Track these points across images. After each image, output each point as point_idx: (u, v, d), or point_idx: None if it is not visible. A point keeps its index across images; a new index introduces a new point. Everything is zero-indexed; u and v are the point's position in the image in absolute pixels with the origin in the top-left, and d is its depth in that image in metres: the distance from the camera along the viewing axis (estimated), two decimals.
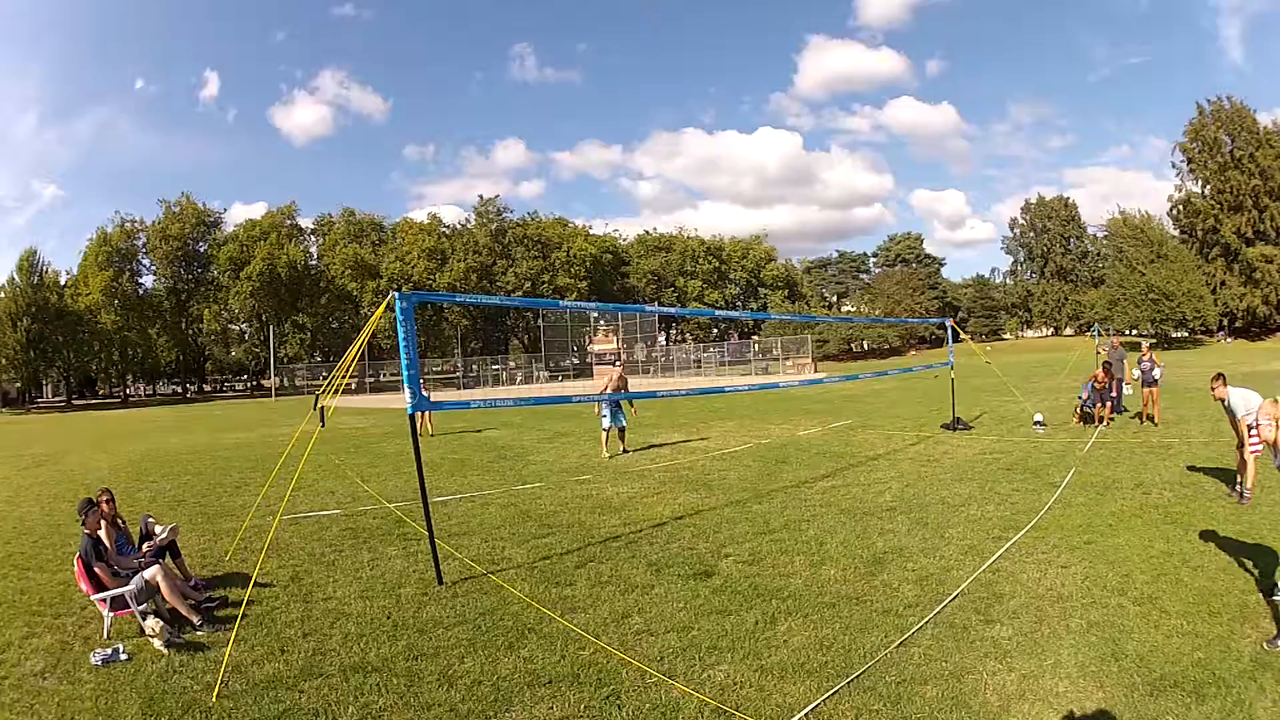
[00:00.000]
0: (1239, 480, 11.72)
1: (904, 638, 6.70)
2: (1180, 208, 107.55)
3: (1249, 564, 8.19)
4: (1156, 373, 20.08)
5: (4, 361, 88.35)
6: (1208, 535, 9.40)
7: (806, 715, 5.50)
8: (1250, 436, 11.43)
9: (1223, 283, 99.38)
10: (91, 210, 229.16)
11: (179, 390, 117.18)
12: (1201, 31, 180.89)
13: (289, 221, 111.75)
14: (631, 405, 21.13)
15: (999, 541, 9.65)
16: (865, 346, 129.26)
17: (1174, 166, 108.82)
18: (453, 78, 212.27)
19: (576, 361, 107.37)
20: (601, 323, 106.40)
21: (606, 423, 19.62)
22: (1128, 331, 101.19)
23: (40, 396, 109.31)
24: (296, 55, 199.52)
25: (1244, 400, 11.81)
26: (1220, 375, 12.50)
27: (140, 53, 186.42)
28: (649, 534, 11.07)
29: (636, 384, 39.78)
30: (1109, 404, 20.12)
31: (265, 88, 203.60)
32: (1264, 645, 6.21)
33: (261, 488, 15.30)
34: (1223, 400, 12.21)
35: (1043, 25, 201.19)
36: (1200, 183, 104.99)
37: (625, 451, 19.78)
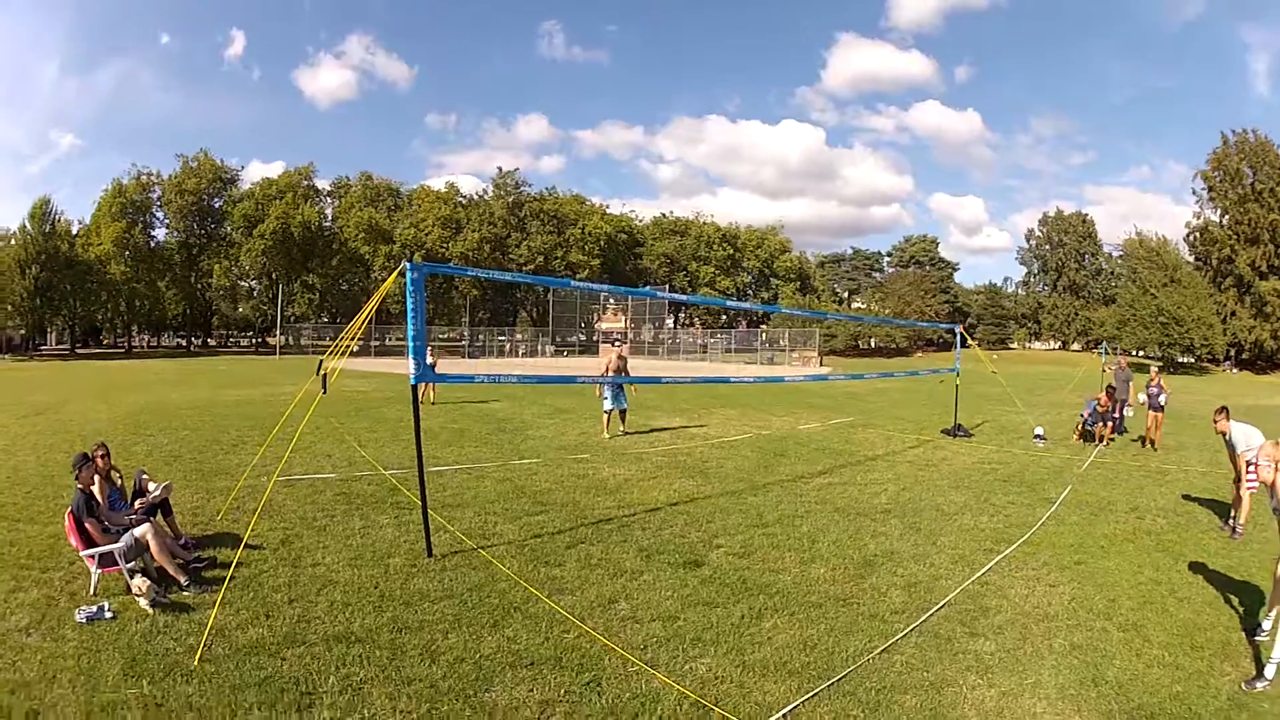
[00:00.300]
0: (1233, 515, 11.75)
1: (888, 644, 6.74)
2: (1197, 235, 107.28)
3: (1235, 600, 8.23)
4: (1163, 398, 20.05)
5: (10, 308, 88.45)
6: (1197, 567, 9.44)
7: (785, 716, 5.54)
8: (1248, 473, 11.45)
9: (1233, 313, 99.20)
10: (108, 162, 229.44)
11: (183, 343, 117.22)
12: (1230, 63, 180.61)
13: (306, 182, 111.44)
14: (632, 386, 21.08)
15: (989, 554, 9.68)
16: (873, 344, 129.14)
17: (1194, 193, 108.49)
18: (480, 50, 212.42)
19: (584, 338, 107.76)
20: (611, 301, 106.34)
21: (608, 404, 19.64)
22: (1134, 353, 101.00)
23: (44, 344, 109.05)
24: (323, 18, 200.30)
25: (1245, 436, 11.82)
26: (1224, 409, 12.49)
27: (168, 7, 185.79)
28: (642, 519, 11.11)
29: (642, 365, 39.87)
30: (1110, 424, 20.14)
31: (291, 49, 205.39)
32: (1242, 685, 6.24)
33: (259, 447, 15.32)
34: (1224, 434, 12.22)
35: (1072, 42, 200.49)
36: (1219, 212, 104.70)
37: (625, 433, 19.80)
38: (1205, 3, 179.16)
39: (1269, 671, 6.31)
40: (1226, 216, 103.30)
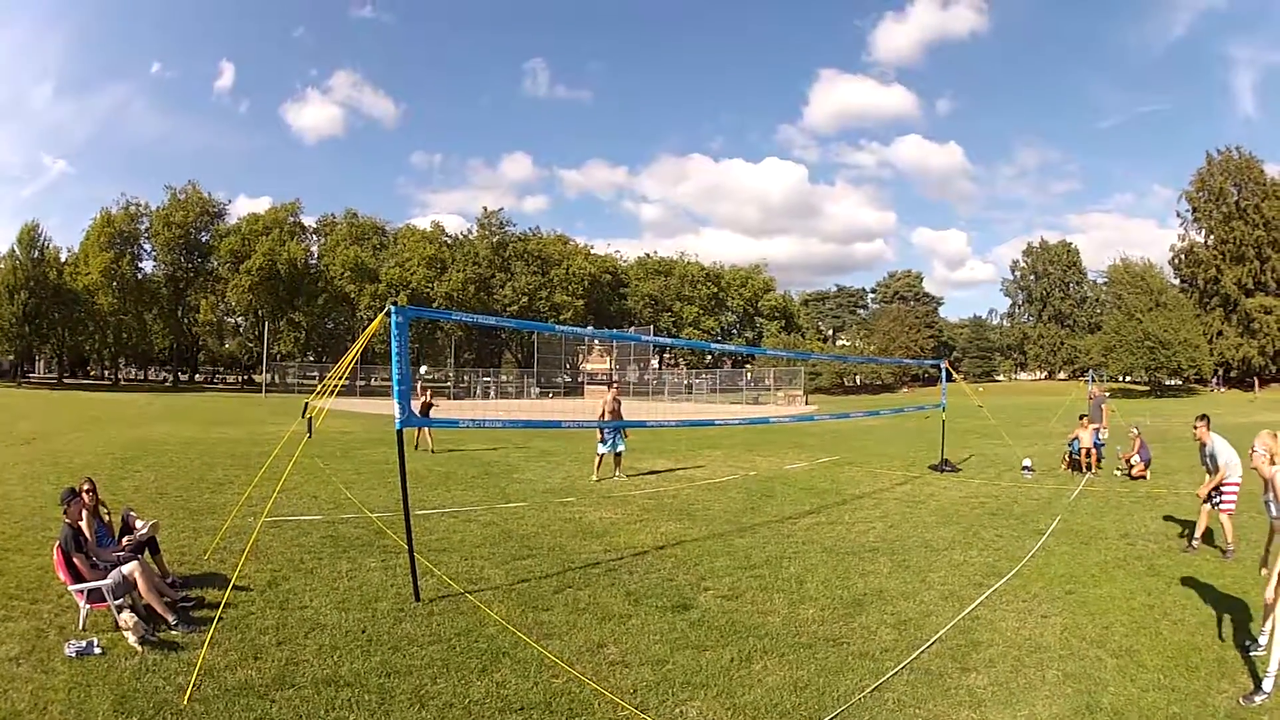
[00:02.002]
0: (1195, 531, 11.99)
1: (879, 682, 6.71)
2: (1182, 257, 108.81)
3: (1229, 619, 8.28)
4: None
5: None
6: (1190, 589, 9.49)
7: None
8: (1226, 489, 11.58)
9: (1220, 332, 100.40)
10: (98, 190, 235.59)
11: (170, 378, 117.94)
12: (1215, 82, 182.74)
13: (292, 218, 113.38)
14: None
15: (980, 588, 9.68)
16: (858, 381, 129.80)
17: (1179, 215, 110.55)
18: (465, 89, 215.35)
19: (569, 379, 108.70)
20: (596, 342, 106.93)
21: (603, 448, 19.49)
22: (1120, 379, 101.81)
23: (32, 372, 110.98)
24: (313, 53, 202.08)
25: (1226, 449, 11.89)
26: (1205, 417, 12.59)
27: (161, 35, 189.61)
28: (629, 562, 11.07)
29: (627, 406, 39.82)
30: (1096, 451, 20.24)
31: (280, 83, 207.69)
32: (1240, 700, 6.26)
33: (245, 487, 15.32)
34: (1203, 444, 12.28)
35: (1056, 70, 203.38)
36: (1204, 232, 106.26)
37: (616, 476, 19.66)
38: (1190, 22, 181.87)
39: (1266, 685, 6.32)
40: (1212, 236, 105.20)
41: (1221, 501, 11.78)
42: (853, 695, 6.47)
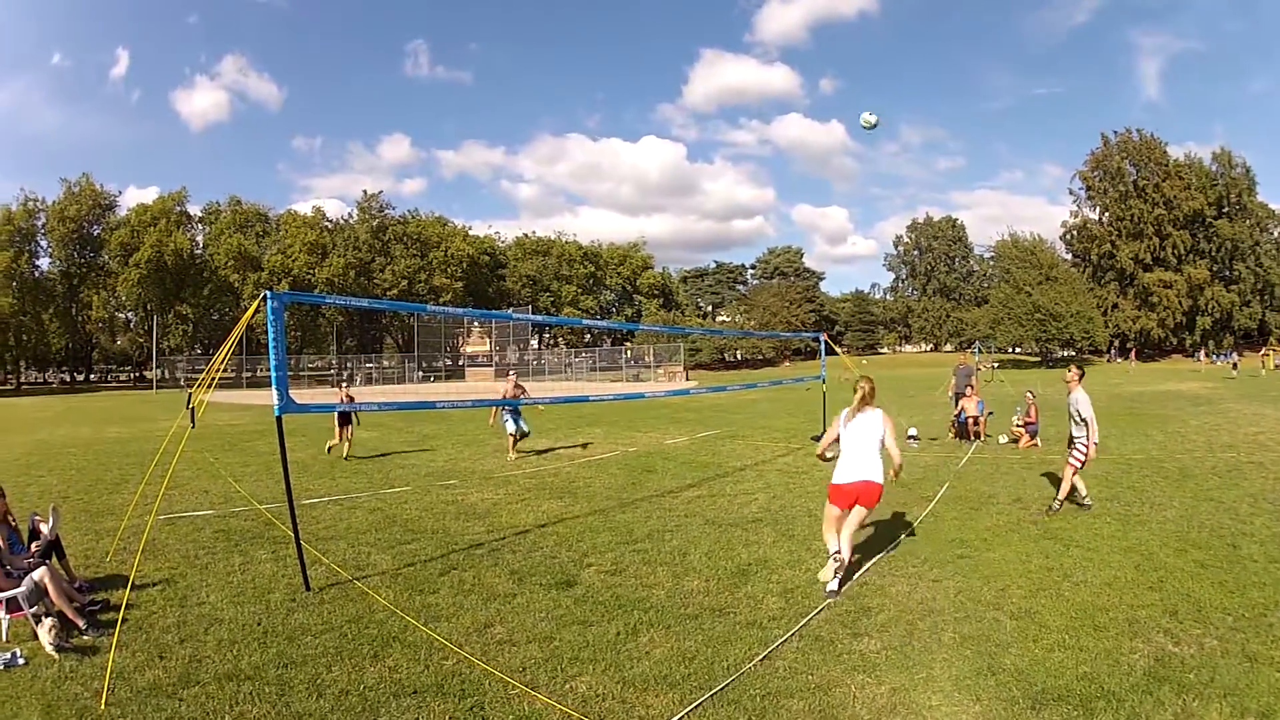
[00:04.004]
0: (1059, 492, 12.40)
1: (768, 651, 6.71)
2: (1075, 233, 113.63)
3: (1138, 578, 8.48)
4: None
5: None
6: (1091, 550, 9.70)
7: None
8: (1080, 445, 11.99)
9: (1115, 305, 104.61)
10: (2, 187, 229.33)
11: (67, 379, 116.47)
12: (1116, 66, 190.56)
13: (178, 208, 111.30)
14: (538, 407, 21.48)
15: (867, 555, 9.75)
16: (739, 356, 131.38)
17: (1071, 193, 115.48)
18: (346, 70, 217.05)
19: (450, 363, 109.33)
20: (476, 325, 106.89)
21: (511, 427, 20.10)
22: (1010, 350, 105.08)
23: None
24: (204, 38, 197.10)
25: (1088, 408, 12.33)
26: (1081, 367, 13.01)
27: (62, 24, 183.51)
28: (512, 541, 11.07)
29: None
30: (983, 419, 20.71)
31: (171, 70, 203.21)
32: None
33: (139, 485, 15.23)
34: (1071, 392, 12.71)
35: (947, 52, 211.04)
36: (1099, 210, 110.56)
37: (511, 457, 19.99)
38: (1098, 8, 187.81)
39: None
40: (1107, 214, 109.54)
41: (1071, 455, 12.20)
42: (742, 664, 6.46)
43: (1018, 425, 20.15)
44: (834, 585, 8.16)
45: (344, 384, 21.70)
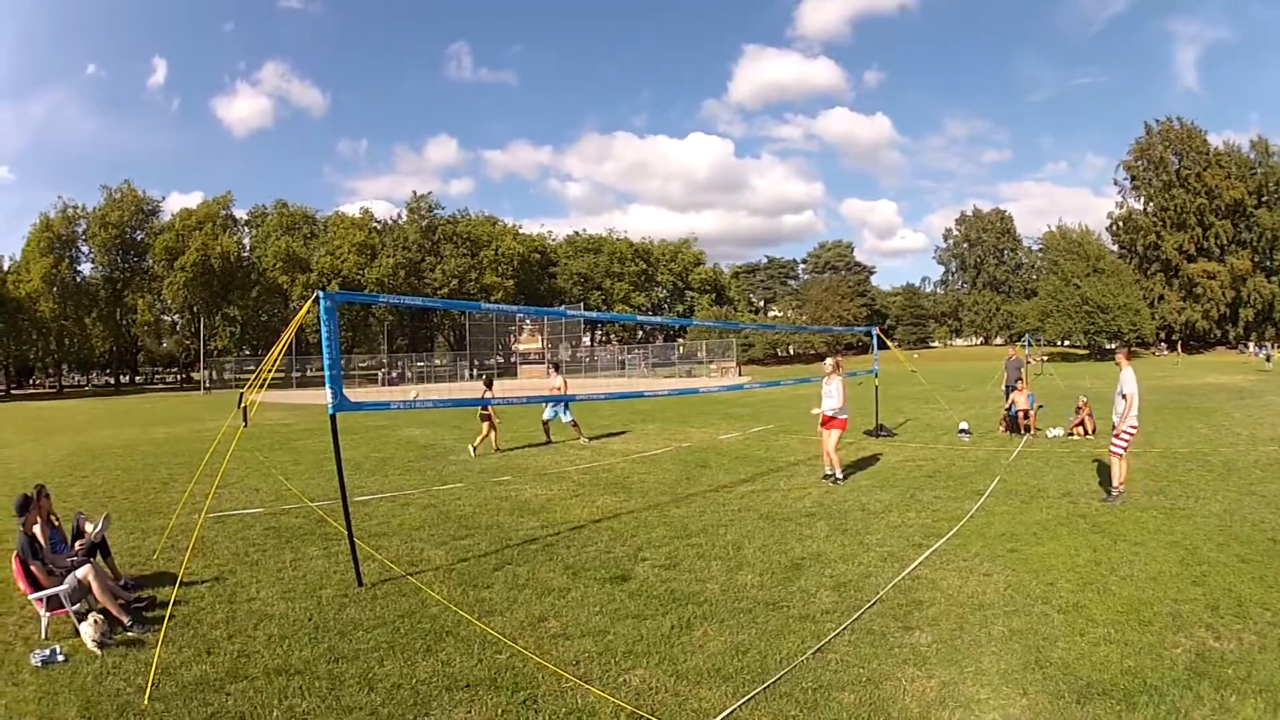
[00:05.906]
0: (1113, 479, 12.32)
1: (821, 644, 6.73)
2: (1120, 223, 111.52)
3: (1182, 573, 8.39)
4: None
5: None
6: (1137, 544, 9.61)
7: None
8: (1127, 431, 11.94)
9: (1161, 297, 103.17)
10: (38, 195, 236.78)
11: (112, 381, 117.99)
12: (1154, 56, 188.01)
13: (224, 212, 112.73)
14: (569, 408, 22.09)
15: (919, 549, 9.75)
16: (791, 351, 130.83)
17: (1116, 184, 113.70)
18: (390, 74, 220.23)
19: (501, 360, 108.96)
20: (527, 322, 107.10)
21: (548, 414, 21.69)
22: (1059, 343, 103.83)
23: None
24: (242, 46, 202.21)
25: (1131, 382, 12.31)
26: (1129, 344, 12.99)
27: (96, 36, 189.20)
28: (566, 536, 11.10)
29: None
30: (1033, 411, 20.57)
31: (210, 78, 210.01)
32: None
33: (188, 484, 15.19)
34: (1121, 371, 12.68)
35: (986, 45, 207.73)
36: (1143, 200, 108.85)
37: (548, 442, 21.06)
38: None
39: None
40: (1151, 204, 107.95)
41: (1114, 442, 12.12)
42: (795, 657, 6.49)
43: (1074, 424, 19.95)
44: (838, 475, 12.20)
45: (486, 386, 21.81)
